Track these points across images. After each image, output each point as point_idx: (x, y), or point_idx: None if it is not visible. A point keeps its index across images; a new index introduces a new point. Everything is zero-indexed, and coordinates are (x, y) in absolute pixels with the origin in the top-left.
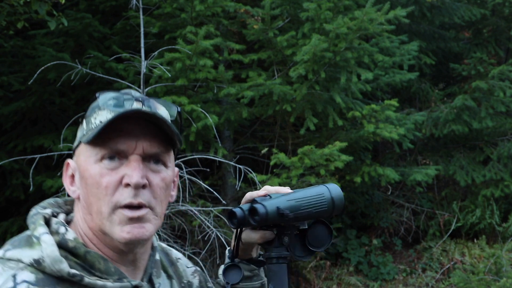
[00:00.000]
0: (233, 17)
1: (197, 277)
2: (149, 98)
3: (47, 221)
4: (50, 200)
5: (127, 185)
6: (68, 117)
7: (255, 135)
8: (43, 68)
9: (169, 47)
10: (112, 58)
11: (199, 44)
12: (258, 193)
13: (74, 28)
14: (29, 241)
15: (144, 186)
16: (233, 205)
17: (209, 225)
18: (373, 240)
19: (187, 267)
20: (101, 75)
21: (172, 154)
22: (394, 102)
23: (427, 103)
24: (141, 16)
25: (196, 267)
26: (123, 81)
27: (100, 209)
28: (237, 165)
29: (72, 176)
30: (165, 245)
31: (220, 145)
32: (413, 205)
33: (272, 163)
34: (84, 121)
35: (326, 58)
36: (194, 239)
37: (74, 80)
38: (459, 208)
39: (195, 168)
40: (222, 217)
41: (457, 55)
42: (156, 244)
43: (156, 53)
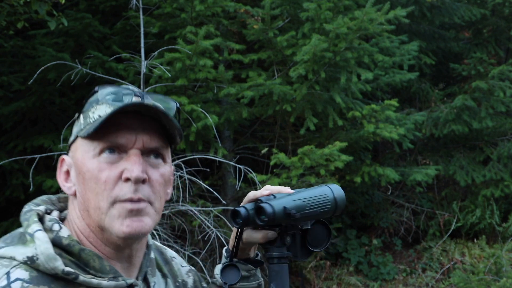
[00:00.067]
0: (233, 17)
1: (191, 277)
2: (148, 93)
3: (40, 218)
4: (43, 197)
5: (127, 180)
6: (68, 117)
7: (255, 135)
8: (43, 68)
9: (169, 47)
10: (112, 58)
11: (199, 44)
12: (262, 192)
13: (74, 28)
14: (22, 238)
15: (144, 181)
16: (233, 205)
17: (209, 225)
18: (373, 240)
19: (182, 266)
20: (101, 75)
21: (170, 151)
22: (394, 102)
23: (427, 103)
24: (141, 16)
25: (190, 267)
26: (123, 81)
27: (98, 204)
28: (237, 165)
29: (67, 173)
30: (160, 243)
31: (220, 145)
32: (413, 205)
33: (272, 163)
34: (81, 116)
35: (326, 58)
36: (194, 239)
37: (74, 80)
38: (459, 208)
39: (195, 168)
40: (222, 217)
41: (457, 55)
42: (151, 243)
43: (156, 53)
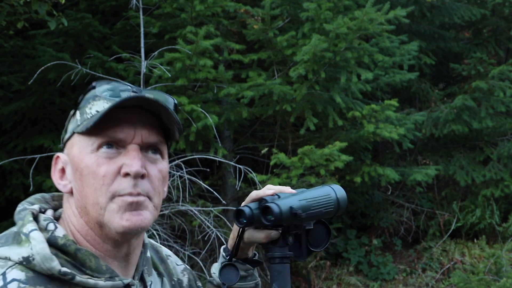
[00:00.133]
0: (233, 17)
1: (186, 275)
2: (145, 89)
3: (35, 217)
4: (37, 196)
5: (126, 175)
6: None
7: (255, 135)
8: (43, 68)
9: (169, 47)
10: (112, 58)
11: (199, 44)
12: (266, 192)
13: (74, 28)
14: (16, 238)
15: (143, 176)
16: (233, 205)
17: (209, 225)
18: (373, 240)
19: (177, 264)
20: (101, 75)
21: (167, 147)
22: (394, 102)
23: (427, 103)
24: (141, 16)
25: (185, 265)
26: (123, 81)
27: (97, 200)
28: (237, 165)
29: (62, 170)
30: (154, 241)
31: (220, 145)
32: (413, 205)
33: (272, 163)
34: (78, 112)
35: (326, 58)
36: (194, 239)
37: (74, 80)
38: (459, 208)
39: (195, 168)
40: (222, 217)
41: (457, 55)
42: (147, 241)
43: (156, 53)
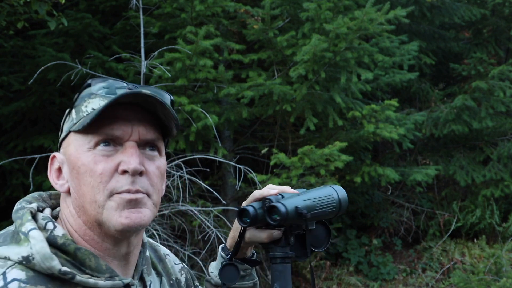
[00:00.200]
0: (233, 17)
1: (183, 275)
2: (141, 86)
3: (33, 216)
4: (35, 194)
5: (124, 172)
6: None
7: (255, 135)
8: (43, 68)
9: (169, 47)
10: (112, 58)
11: (199, 44)
12: (270, 191)
13: (74, 28)
14: (15, 237)
15: (141, 173)
16: (233, 205)
17: (209, 225)
18: (373, 240)
19: (175, 263)
20: (101, 75)
21: (164, 144)
22: (394, 102)
23: (427, 103)
24: (141, 16)
25: (183, 264)
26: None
27: (95, 198)
28: (237, 165)
29: (59, 170)
30: (153, 240)
31: (220, 145)
32: (413, 205)
33: (272, 163)
34: (73, 111)
35: (326, 58)
36: (194, 239)
37: (74, 80)
38: (459, 208)
39: (195, 168)
40: (222, 217)
41: (457, 55)
42: (146, 241)
43: (156, 53)
